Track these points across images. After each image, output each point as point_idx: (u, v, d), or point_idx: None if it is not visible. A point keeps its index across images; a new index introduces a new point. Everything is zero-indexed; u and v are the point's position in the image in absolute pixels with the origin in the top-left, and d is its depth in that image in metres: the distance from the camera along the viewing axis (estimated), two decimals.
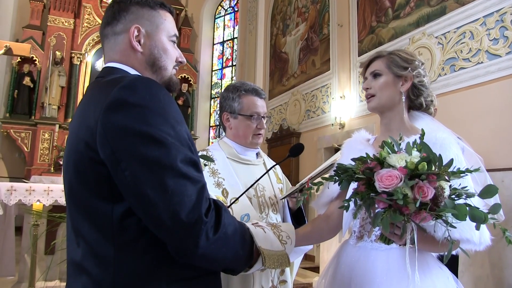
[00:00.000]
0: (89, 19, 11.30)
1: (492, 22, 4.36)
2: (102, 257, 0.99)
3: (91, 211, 1.01)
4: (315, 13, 8.14)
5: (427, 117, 1.61)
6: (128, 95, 0.97)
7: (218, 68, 13.29)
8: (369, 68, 1.61)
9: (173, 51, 1.22)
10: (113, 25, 1.17)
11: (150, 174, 0.93)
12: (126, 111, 0.95)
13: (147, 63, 1.17)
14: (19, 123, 10.36)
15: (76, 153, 1.03)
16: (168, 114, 0.99)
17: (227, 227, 1.03)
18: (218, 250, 1.00)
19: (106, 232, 0.99)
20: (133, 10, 1.17)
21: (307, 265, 6.48)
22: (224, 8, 13.41)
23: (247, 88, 1.91)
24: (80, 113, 1.08)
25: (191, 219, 0.94)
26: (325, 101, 7.46)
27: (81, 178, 1.02)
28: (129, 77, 1.03)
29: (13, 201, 3.99)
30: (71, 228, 1.09)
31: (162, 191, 0.93)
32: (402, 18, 5.75)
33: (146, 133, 0.94)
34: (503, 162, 4.02)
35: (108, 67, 1.17)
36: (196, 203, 0.96)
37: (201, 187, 0.99)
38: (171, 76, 1.22)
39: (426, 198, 1.06)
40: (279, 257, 1.23)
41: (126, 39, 1.16)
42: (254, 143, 1.94)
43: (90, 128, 0.98)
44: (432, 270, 1.41)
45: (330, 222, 1.61)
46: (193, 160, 1.01)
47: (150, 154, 0.93)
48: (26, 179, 8.60)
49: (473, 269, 4.00)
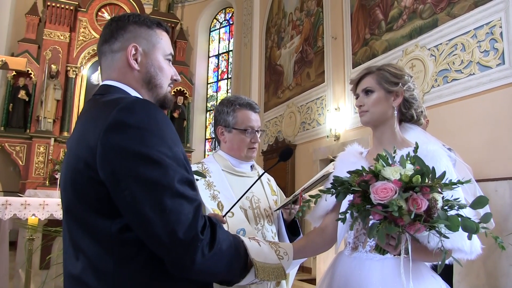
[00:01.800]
0: (85, 32, 11.35)
1: (483, 35, 4.44)
2: (102, 271, 1.02)
3: (91, 226, 1.03)
4: (309, 25, 8.23)
5: (417, 129, 1.64)
6: (127, 117, 1.00)
7: (214, 81, 13.34)
8: (360, 85, 1.64)
9: (169, 69, 1.25)
10: (111, 43, 1.20)
11: (149, 194, 0.96)
12: (125, 133, 0.98)
13: (144, 81, 1.20)
14: (14, 137, 10.31)
15: (75, 171, 1.05)
16: (165, 136, 1.02)
17: (222, 243, 1.06)
18: (213, 265, 1.04)
19: (105, 246, 1.01)
20: (131, 29, 1.20)
21: (304, 277, 6.45)
22: (219, 21, 13.52)
23: (241, 102, 1.93)
24: (79, 132, 1.10)
25: (188, 237, 0.97)
26: (320, 113, 7.51)
27: (80, 196, 1.04)
28: (128, 99, 1.07)
29: (8, 215, 3.96)
30: (69, 242, 1.11)
31: (160, 210, 0.96)
32: (395, 31, 5.84)
33: (144, 154, 0.97)
34: (496, 172, 4.06)
35: (105, 85, 1.19)
36: (192, 221, 0.99)
37: (197, 206, 1.03)
38: (166, 93, 1.25)
39: (420, 210, 1.08)
40: (274, 270, 1.26)
41: (123, 57, 1.18)
42: (249, 156, 1.96)
43: (90, 148, 1.00)
44: (425, 280, 1.43)
45: (325, 235, 1.62)
46: (189, 179, 1.04)
47: (149, 175, 0.96)
48: (21, 193, 8.55)
49: (469, 278, 4.01)
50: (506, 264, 3.78)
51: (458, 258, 1.35)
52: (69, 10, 11.02)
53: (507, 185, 3.94)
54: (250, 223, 1.82)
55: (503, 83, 4.17)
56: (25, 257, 3.92)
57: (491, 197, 3.87)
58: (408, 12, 5.61)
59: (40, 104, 10.26)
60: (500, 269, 3.82)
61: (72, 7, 11.05)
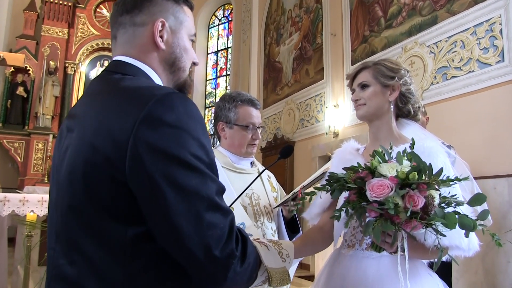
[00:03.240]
0: (83, 29, 11.32)
1: (482, 32, 4.43)
2: (108, 281, 0.90)
3: (99, 229, 0.91)
4: (308, 22, 8.21)
5: (414, 125, 1.64)
6: (165, 113, 0.88)
7: (212, 78, 13.32)
8: (356, 80, 1.63)
9: (192, 51, 1.13)
10: (134, 14, 1.05)
11: (186, 204, 0.86)
12: (163, 132, 0.87)
13: (166, 63, 1.08)
14: (13, 133, 10.31)
15: (90, 164, 0.90)
16: (203, 139, 0.92)
17: (250, 257, 1.00)
18: (241, 279, 0.98)
19: (115, 254, 0.90)
20: (158, 2, 1.06)
21: (303, 274, 6.46)
22: (218, 18, 13.49)
23: (243, 98, 1.93)
24: (96, 119, 0.93)
25: (224, 254, 0.90)
26: (319, 110, 7.50)
27: (92, 193, 0.91)
28: (163, 90, 0.93)
29: (6, 212, 3.95)
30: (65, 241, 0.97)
31: (197, 223, 0.87)
32: (394, 28, 5.83)
33: (183, 158, 0.87)
34: (495, 169, 4.06)
35: (122, 61, 1.05)
36: (228, 237, 0.91)
37: (232, 219, 0.94)
38: (187, 78, 1.14)
39: (416, 207, 1.07)
40: (281, 274, 1.20)
41: (148, 33, 1.04)
42: (249, 152, 1.96)
43: (116, 143, 0.87)
44: (422, 277, 1.42)
45: (323, 233, 1.61)
46: (223, 189, 0.95)
47: (188, 183, 0.87)
48: (20, 189, 8.54)
49: (467, 275, 4.02)
50: (504, 261, 3.79)
51: (456, 256, 1.35)
52: (67, 6, 11.00)
53: (505, 183, 3.94)
54: (250, 220, 1.81)
55: (503, 80, 4.16)
56: (24, 254, 3.92)
57: (489, 194, 3.87)
58: (407, 9, 5.60)
59: (38, 101, 10.25)
60: (498, 266, 3.83)
61: (70, 3, 11.03)
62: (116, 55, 1.08)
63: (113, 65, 1.06)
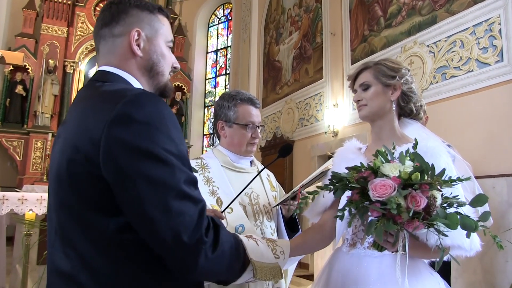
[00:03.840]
0: (83, 27, 11.29)
1: (481, 31, 4.44)
2: (95, 271, 0.98)
3: (86, 222, 0.98)
4: (308, 21, 8.21)
5: (417, 124, 1.64)
6: (134, 111, 0.95)
7: (212, 77, 13.31)
8: (357, 80, 1.63)
9: (170, 56, 1.21)
10: (112, 26, 1.14)
11: (155, 193, 0.93)
12: (132, 128, 0.94)
13: (145, 68, 1.16)
14: (11, 132, 10.27)
15: (72, 163, 0.99)
16: (171, 133, 0.99)
17: (224, 245, 1.04)
18: (215, 266, 1.02)
19: (100, 245, 0.97)
20: (133, 13, 1.15)
21: (302, 273, 6.47)
22: (218, 17, 13.48)
23: (242, 97, 1.93)
24: (77, 121, 1.03)
25: (192, 240, 0.95)
26: (319, 109, 7.50)
27: (76, 189, 0.99)
28: (134, 91, 1.02)
29: (5, 210, 3.95)
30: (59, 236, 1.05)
31: (165, 211, 0.93)
32: (394, 27, 5.83)
33: (151, 152, 0.93)
34: (494, 169, 4.07)
35: (104, 71, 1.14)
36: (197, 224, 0.97)
37: (202, 207, 1.00)
38: (167, 82, 1.22)
39: (419, 207, 1.08)
40: (271, 269, 1.25)
41: (125, 42, 1.13)
42: (249, 151, 1.96)
43: (92, 141, 0.95)
44: (423, 276, 1.43)
45: (323, 232, 1.61)
46: (194, 180, 1.01)
47: (156, 174, 0.93)
48: (18, 188, 8.52)
49: (466, 275, 4.02)
50: (502, 260, 3.80)
51: (457, 255, 1.35)
52: (66, 5, 10.96)
53: (504, 182, 3.95)
54: (249, 219, 1.81)
55: (502, 80, 4.17)
56: (22, 252, 3.92)
57: (488, 194, 3.86)
58: (407, 8, 5.60)
59: (37, 99, 10.23)
60: (497, 265, 3.84)
61: (69, 1, 11.00)
62: (100, 65, 1.17)
63: (96, 74, 1.15)
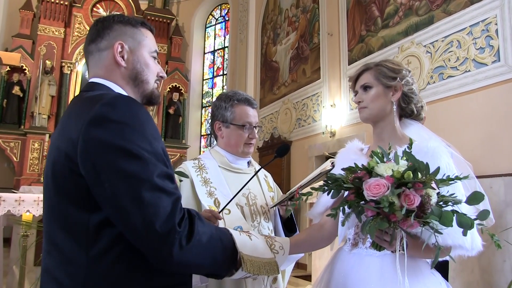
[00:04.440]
0: (80, 28, 11.27)
1: (478, 32, 4.45)
2: (74, 265, 1.03)
3: (67, 220, 1.05)
4: (305, 22, 8.22)
5: (418, 125, 1.64)
6: (109, 112, 1.03)
7: (209, 77, 13.31)
8: (358, 82, 1.63)
9: (154, 66, 1.29)
10: (97, 42, 1.24)
11: (128, 187, 0.98)
12: (107, 127, 1.01)
13: (130, 78, 1.24)
14: (8, 133, 10.25)
15: (56, 163, 1.07)
16: (145, 131, 1.05)
17: (201, 235, 1.08)
18: (193, 257, 1.05)
19: (80, 240, 1.03)
20: (116, 28, 1.24)
21: (299, 274, 6.47)
22: (215, 18, 13.47)
23: (239, 97, 1.93)
24: (61, 126, 1.13)
25: (165, 229, 0.99)
26: (316, 110, 7.51)
27: (59, 188, 1.07)
28: (111, 95, 1.11)
29: (2, 211, 3.93)
30: (46, 237, 1.13)
31: (138, 202, 0.98)
32: (391, 27, 5.83)
33: (124, 148, 1.00)
34: (491, 168, 4.07)
35: (92, 82, 1.23)
36: (170, 214, 1.01)
37: (176, 199, 1.05)
38: (153, 89, 1.29)
39: (412, 206, 1.08)
40: (265, 264, 1.26)
41: (110, 55, 1.22)
42: (246, 152, 1.96)
43: (71, 141, 1.03)
44: (425, 276, 1.43)
45: (324, 231, 1.62)
46: (168, 173, 1.06)
47: (128, 168, 0.99)
48: (16, 189, 8.50)
49: (463, 274, 4.03)
50: (500, 260, 3.80)
51: (459, 255, 1.35)
52: (63, 6, 10.94)
53: (501, 182, 3.95)
54: (246, 220, 1.81)
55: (499, 80, 4.17)
56: (19, 254, 3.91)
57: (486, 194, 3.87)
58: (404, 9, 5.61)
59: (34, 100, 10.21)
60: (495, 265, 3.85)
61: (67, 2, 10.97)
62: (89, 78, 1.26)
63: (86, 86, 1.24)
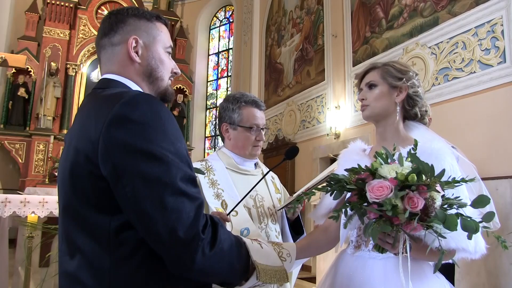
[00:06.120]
0: (85, 30, 11.32)
1: (484, 33, 4.42)
2: (97, 269, 1.00)
3: (88, 223, 1.01)
4: (309, 24, 8.21)
5: (422, 127, 1.63)
6: (129, 112, 0.98)
7: (214, 79, 13.32)
8: (364, 79, 1.63)
9: (169, 62, 1.24)
10: (111, 36, 1.18)
11: (150, 191, 0.94)
12: (128, 128, 0.97)
13: (144, 74, 1.19)
14: (14, 134, 10.29)
15: (74, 165, 1.03)
16: (168, 131, 1.01)
17: (223, 243, 1.05)
18: (214, 265, 1.02)
19: (102, 244, 1.00)
20: (130, 22, 1.19)
21: (304, 276, 6.44)
22: (219, 19, 13.49)
23: (247, 99, 1.92)
24: (79, 125, 1.08)
25: (189, 236, 0.96)
26: (320, 111, 7.50)
27: (78, 190, 1.02)
28: (130, 93, 1.05)
29: (7, 213, 3.94)
30: (65, 239, 1.09)
31: (161, 208, 0.94)
32: (395, 29, 5.82)
33: (147, 150, 0.95)
34: (497, 170, 4.05)
35: (106, 78, 1.18)
36: (194, 220, 0.97)
37: (199, 204, 1.01)
38: (167, 86, 1.24)
39: (416, 209, 1.07)
40: (276, 273, 1.23)
41: (124, 50, 1.17)
42: (253, 154, 1.95)
43: (92, 142, 0.98)
44: (429, 279, 1.42)
45: (328, 234, 1.61)
46: (192, 177, 1.02)
47: (151, 171, 0.95)
48: (21, 190, 8.54)
49: (469, 277, 4.00)
50: (506, 262, 3.78)
51: (462, 258, 1.34)
52: (69, 8, 10.99)
53: (507, 184, 3.93)
54: (253, 222, 1.81)
55: (504, 81, 4.15)
56: (25, 255, 3.91)
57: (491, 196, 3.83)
58: (408, 10, 5.59)
59: (39, 102, 10.24)
60: (501, 268, 3.82)
61: (72, 4, 11.02)
62: (102, 74, 1.21)
63: (99, 82, 1.19)
